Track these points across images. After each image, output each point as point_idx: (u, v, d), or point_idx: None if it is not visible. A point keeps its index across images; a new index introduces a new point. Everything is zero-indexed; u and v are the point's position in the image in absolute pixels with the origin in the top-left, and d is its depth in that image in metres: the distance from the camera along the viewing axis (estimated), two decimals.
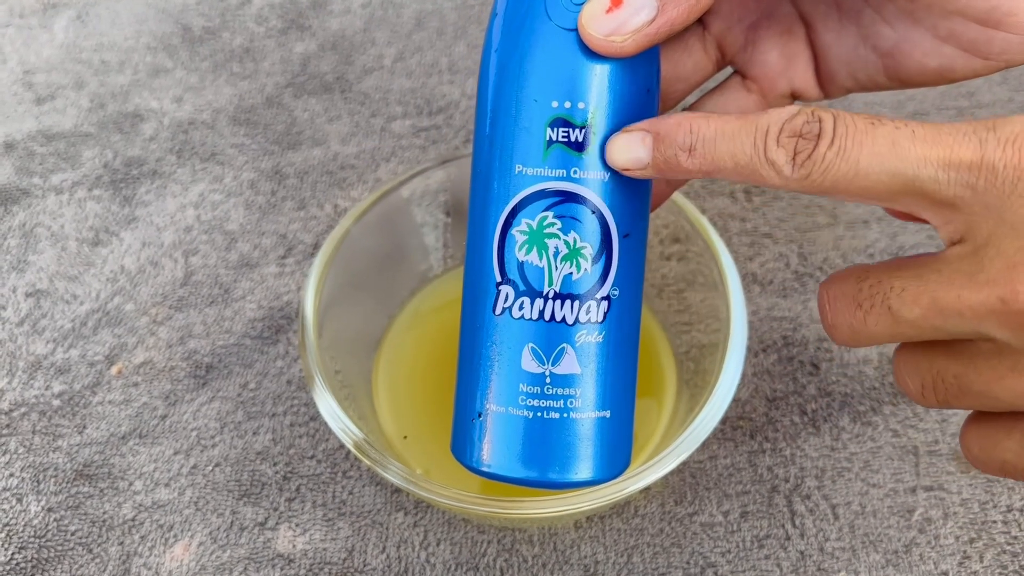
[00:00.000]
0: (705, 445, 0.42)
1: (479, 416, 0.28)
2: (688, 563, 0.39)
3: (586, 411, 0.28)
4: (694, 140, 0.25)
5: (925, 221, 0.24)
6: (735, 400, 0.43)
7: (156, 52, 0.61)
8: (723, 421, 0.42)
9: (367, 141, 0.55)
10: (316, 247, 0.50)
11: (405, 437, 0.41)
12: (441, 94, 0.57)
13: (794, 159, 0.23)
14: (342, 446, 0.43)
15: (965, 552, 0.39)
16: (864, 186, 0.23)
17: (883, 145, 0.23)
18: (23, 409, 0.45)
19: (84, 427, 0.44)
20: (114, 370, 0.46)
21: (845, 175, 0.23)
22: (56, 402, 0.45)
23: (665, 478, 0.41)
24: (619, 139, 0.27)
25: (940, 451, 0.41)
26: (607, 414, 0.28)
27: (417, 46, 0.60)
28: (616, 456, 0.29)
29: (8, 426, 0.45)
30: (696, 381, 0.41)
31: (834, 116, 0.23)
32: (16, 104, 0.59)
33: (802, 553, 0.39)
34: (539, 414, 0.27)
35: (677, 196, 0.40)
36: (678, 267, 0.44)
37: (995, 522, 0.39)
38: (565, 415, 0.28)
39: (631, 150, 0.26)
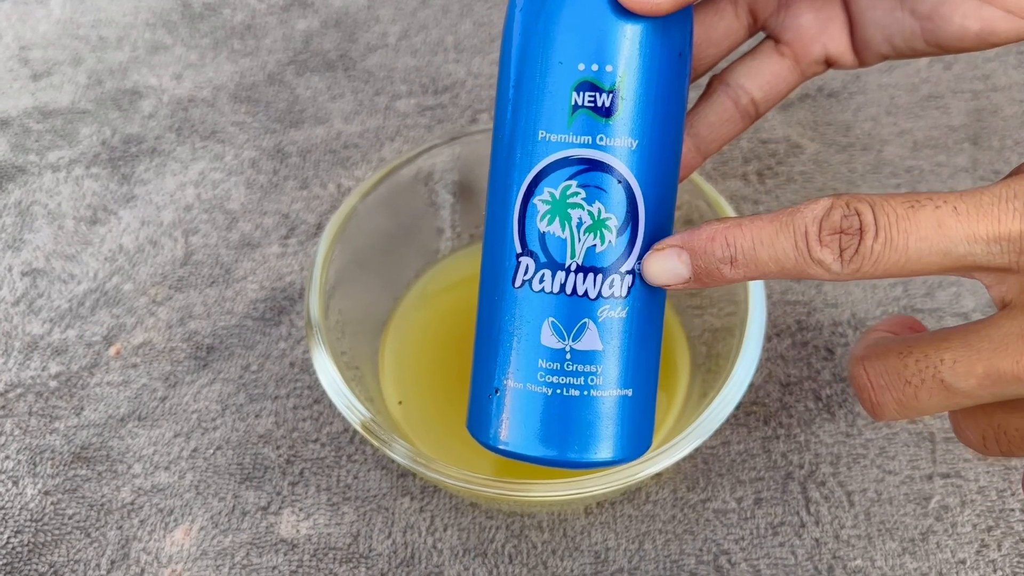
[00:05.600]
0: (718, 431, 0.41)
1: (496, 392, 0.27)
2: (701, 550, 0.38)
3: (608, 389, 0.27)
4: (733, 252, 0.24)
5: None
6: (749, 385, 0.42)
7: (155, 28, 0.60)
8: (737, 406, 0.42)
9: (371, 120, 0.54)
10: (319, 227, 0.49)
11: (400, 402, 0.41)
12: (446, 72, 0.56)
13: (841, 256, 0.23)
14: (347, 429, 0.42)
15: (983, 540, 0.38)
16: (916, 269, 0.23)
17: (928, 228, 0.22)
18: (19, 390, 0.44)
19: (82, 409, 0.43)
20: (112, 351, 0.45)
21: (896, 263, 0.23)
22: (53, 383, 0.44)
23: (677, 464, 0.40)
24: (654, 257, 0.26)
25: (957, 438, 0.40)
26: (629, 392, 0.27)
27: (422, 24, 0.59)
28: (638, 436, 0.28)
29: (4, 407, 0.44)
30: (709, 365, 0.40)
31: (871, 205, 0.23)
32: (12, 80, 0.57)
33: (817, 540, 0.38)
34: (559, 391, 0.27)
35: (695, 174, 0.39)
36: None
37: (1013, 510, 0.39)
38: (586, 393, 0.27)
39: (670, 268, 0.26)
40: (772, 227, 0.24)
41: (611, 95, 0.25)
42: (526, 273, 0.26)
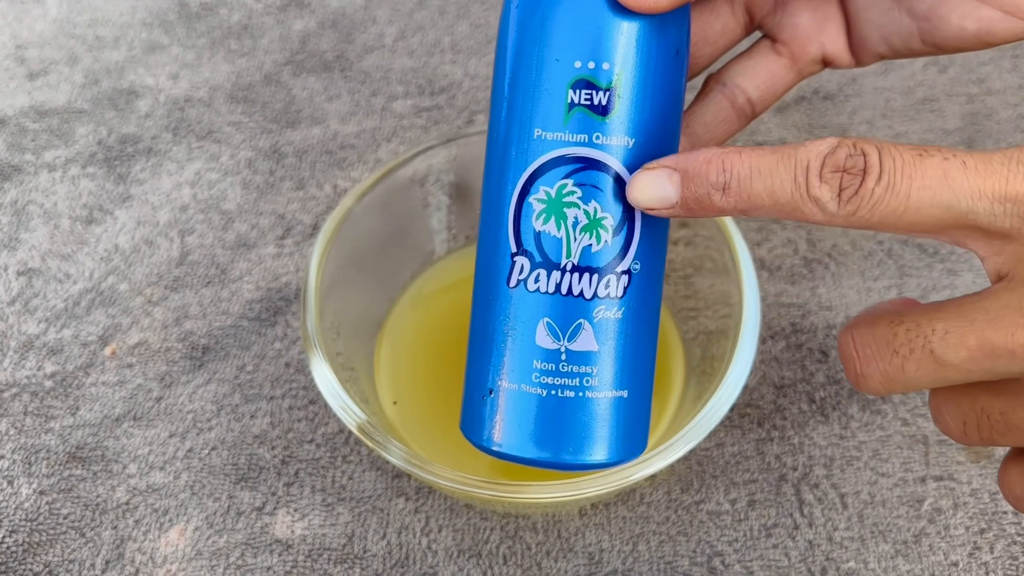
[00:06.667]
0: (712, 432, 0.41)
1: (490, 393, 0.27)
2: (695, 552, 0.38)
3: (603, 390, 0.27)
4: (728, 178, 0.24)
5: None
6: (743, 388, 0.42)
7: (152, 28, 0.60)
8: (731, 408, 0.42)
9: (367, 121, 0.54)
10: (315, 228, 0.49)
11: (395, 403, 0.41)
12: (443, 74, 0.56)
13: (840, 195, 0.22)
14: (342, 430, 0.42)
15: (975, 543, 0.38)
16: (913, 220, 0.22)
17: (933, 178, 0.22)
18: (14, 390, 0.44)
19: (77, 409, 0.43)
20: (108, 351, 0.45)
21: (894, 211, 0.22)
22: (48, 383, 0.44)
23: (671, 465, 0.40)
24: (642, 176, 0.25)
25: (950, 440, 0.40)
26: (624, 394, 0.27)
27: (419, 25, 0.59)
28: (633, 438, 0.28)
29: None
30: (704, 368, 0.40)
31: (878, 148, 0.22)
32: (8, 79, 0.57)
33: (810, 542, 0.38)
34: (554, 392, 0.26)
35: None
36: (685, 252, 0.43)
37: (1005, 512, 0.39)
38: (581, 394, 0.27)
39: (657, 188, 0.25)
40: (773, 158, 0.23)
41: (608, 93, 0.25)
42: (521, 273, 0.26)
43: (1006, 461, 0.25)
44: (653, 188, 0.25)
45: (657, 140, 0.26)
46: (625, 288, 0.27)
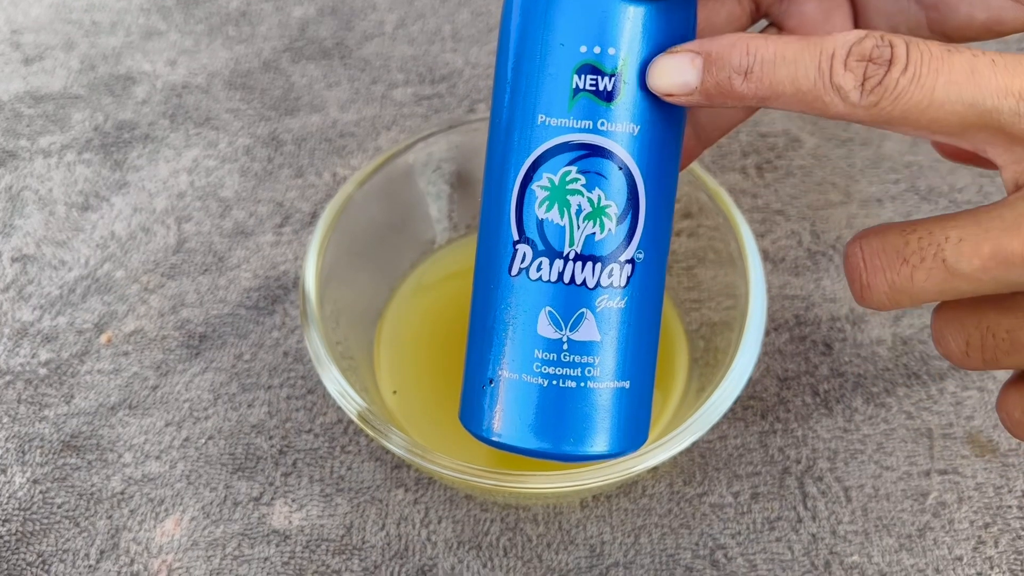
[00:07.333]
0: (715, 425, 0.41)
1: (490, 383, 0.27)
2: (697, 544, 0.38)
3: (605, 381, 0.26)
4: (751, 62, 0.23)
5: (986, 164, 0.23)
6: (748, 380, 0.42)
7: (149, 14, 0.59)
8: (734, 401, 0.41)
9: (367, 108, 0.53)
10: (314, 216, 0.49)
11: (395, 392, 0.40)
12: (444, 62, 0.55)
13: (863, 85, 0.22)
14: (340, 420, 0.42)
15: (980, 537, 0.38)
16: (936, 117, 0.21)
17: (961, 73, 0.21)
18: (8, 377, 0.44)
19: (72, 397, 0.43)
20: (103, 338, 0.45)
21: (918, 104, 0.21)
22: (43, 371, 0.44)
23: (674, 457, 0.40)
24: (663, 61, 0.24)
25: (955, 434, 0.40)
26: (626, 384, 0.27)
27: (419, 12, 0.58)
28: (634, 429, 0.27)
29: None
30: (707, 359, 0.40)
31: (906, 41, 0.22)
32: (3, 64, 0.57)
33: (814, 536, 0.38)
34: (555, 382, 0.26)
35: (695, 166, 0.38)
36: (688, 243, 0.43)
37: (1010, 507, 0.38)
38: (582, 384, 0.26)
39: (677, 73, 0.24)
40: (799, 44, 0.22)
41: (613, 79, 0.25)
42: (523, 261, 0.26)
43: (1007, 385, 0.25)
44: (674, 73, 0.24)
45: (662, 127, 0.26)
46: (628, 277, 0.26)
